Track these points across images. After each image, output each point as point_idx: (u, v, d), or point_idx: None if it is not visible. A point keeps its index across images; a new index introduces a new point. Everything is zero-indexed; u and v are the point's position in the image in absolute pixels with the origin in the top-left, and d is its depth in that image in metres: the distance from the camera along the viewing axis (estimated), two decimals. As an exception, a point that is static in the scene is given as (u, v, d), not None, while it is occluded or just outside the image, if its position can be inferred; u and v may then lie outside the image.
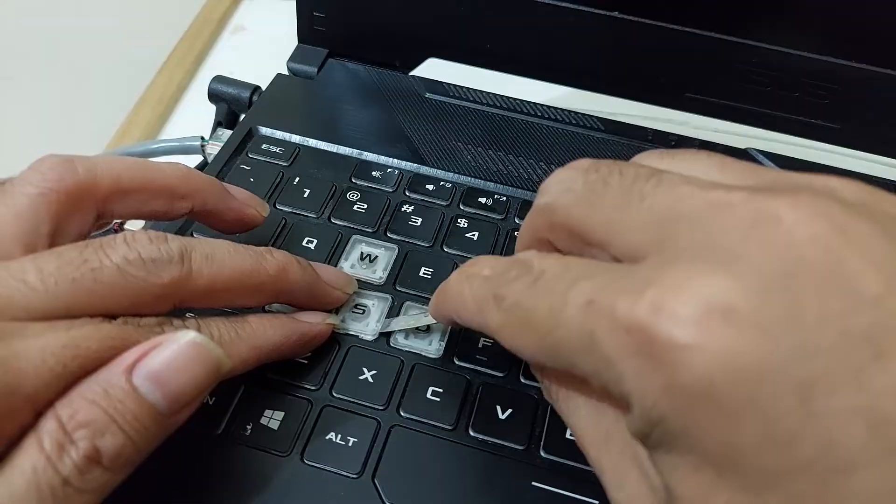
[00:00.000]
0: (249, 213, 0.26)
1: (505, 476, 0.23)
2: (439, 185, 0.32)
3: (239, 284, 0.22)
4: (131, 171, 0.23)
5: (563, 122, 0.35)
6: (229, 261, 0.22)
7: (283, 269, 0.23)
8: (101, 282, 0.19)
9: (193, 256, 0.21)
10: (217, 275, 0.21)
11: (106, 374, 0.18)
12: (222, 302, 0.22)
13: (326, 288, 0.25)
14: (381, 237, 0.29)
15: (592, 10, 0.34)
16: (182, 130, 0.40)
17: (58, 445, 0.17)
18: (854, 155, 0.35)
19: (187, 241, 0.21)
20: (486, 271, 0.19)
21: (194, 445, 0.22)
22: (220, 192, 0.25)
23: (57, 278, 0.19)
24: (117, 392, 0.18)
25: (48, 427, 0.17)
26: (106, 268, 0.19)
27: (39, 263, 0.19)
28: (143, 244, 0.20)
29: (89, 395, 0.17)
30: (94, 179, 0.22)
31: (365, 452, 0.23)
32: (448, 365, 0.25)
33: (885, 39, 0.31)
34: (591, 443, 0.18)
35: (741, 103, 0.35)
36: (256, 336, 0.22)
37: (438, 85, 0.37)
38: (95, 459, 0.17)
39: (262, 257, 0.23)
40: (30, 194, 0.21)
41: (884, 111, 0.33)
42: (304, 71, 0.37)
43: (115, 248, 0.20)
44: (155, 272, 0.20)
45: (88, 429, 0.17)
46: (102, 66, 0.54)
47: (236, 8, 0.56)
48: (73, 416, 0.17)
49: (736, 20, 0.32)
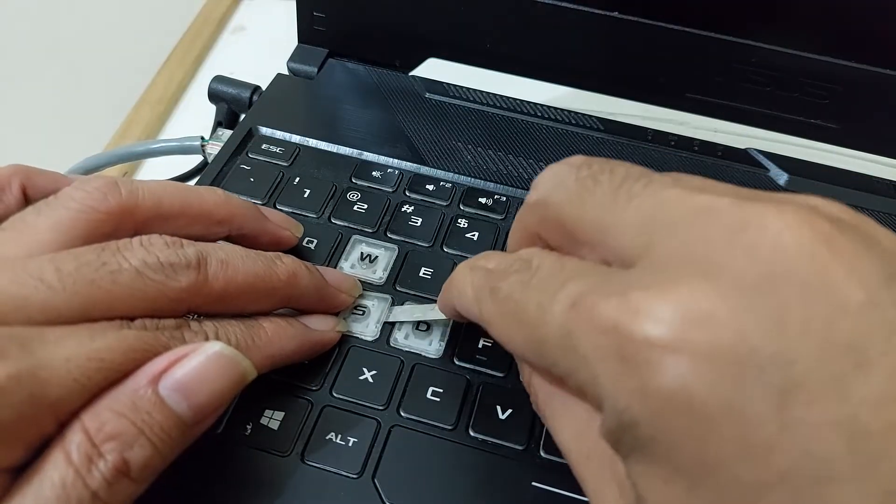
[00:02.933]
0: (285, 235, 0.27)
1: (505, 476, 0.23)
2: (439, 185, 0.32)
3: (252, 289, 0.22)
4: (172, 196, 0.23)
5: (563, 122, 0.35)
6: (243, 266, 0.22)
7: (293, 274, 0.23)
8: (120, 284, 0.19)
9: (210, 261, 0.21)
10: (232, 280, 0.21)
11: (133, 385, 0.18)
12: (234, 307, 0.22)
13: (334, 292, 0.25)
14: (381, 237, 0.29)
15: (592, 10, 0.34)
16: (182, 130, 0.40)
17: (87, 458, 0.17)
18: (854, 155, 0.35)
19: (203, 247, 0.21)
20: (491, 265, 0.20)
21: (194, 445, 0.22)
22: (257, 215, 0.26)
23: (75, 279, 0.19)
24: (145, 403, 0.18)
25: (76, 440, 0.17)
26: (125, 270, 0.19)
27: (58, 263, 0.19)
28: (161, 248, 0.20)
29: (117, 407, 0.17)
30: (135, 202, 0.22)
31: (365, 452, 0.23)
32: (448, 365, 0.25)
33: (885, 39, 0.31)
34: (574, 459, 0.18)
35: (741, 103, 0.35)
36: (272, 345, 0.22)
37: (438, 85, 0.37)
38: (124, 471, 0.17)
39: (273, 263, 0.23)
40: (71, 209, 0.21)
41: (883, 111, 0.33)
42: (304, 71, 0.37)
43: (134, 252, 0.20)
44: (173, 276, 0.20)
45: (117, 441, 0.17)
46: (102, 66, 0.54)
47: (236, 8, 0.56)
48: (102, 429, 0.17)
49: (736, 20, 0.32)
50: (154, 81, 0.50)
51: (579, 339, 0.15)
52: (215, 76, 0.38)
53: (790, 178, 0.33)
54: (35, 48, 0.56)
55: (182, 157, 0.38)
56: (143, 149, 0.39)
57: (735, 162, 0.34)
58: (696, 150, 0.35)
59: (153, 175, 0.42)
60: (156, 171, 0.44)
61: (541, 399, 0.20)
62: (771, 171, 0.34)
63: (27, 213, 0.21)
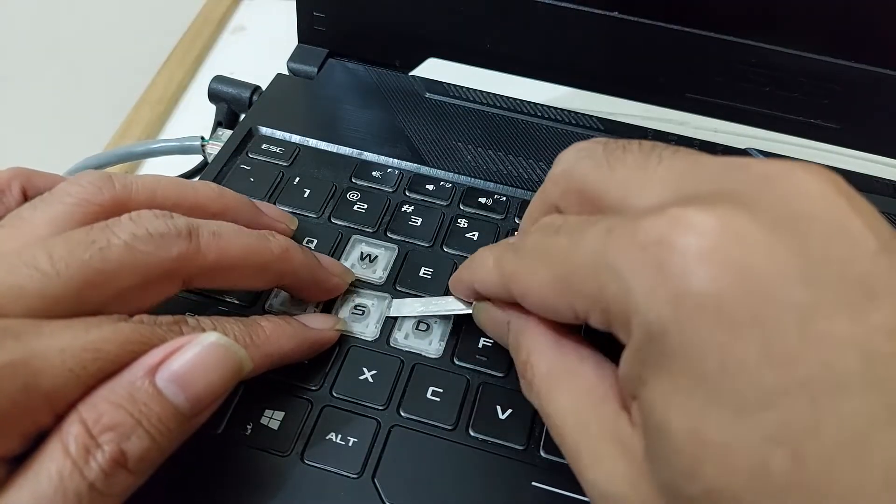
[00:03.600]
0: (279, 228, 0.27)
1: (505, 476, 0.23)
2: (439, 185, 0.32)
3: (245, 262, 0.22)
4: (165, 188, 0.23)
5: (563, 122, 0.35)
6: (236, 238, 0.22)
7: (286, 249, 0.23)
8: (110, 260, 0.19)
9: (201, 232, 0.21)
10: (225, 251, 0.22)
11: (129, 377, 0.18)
12: (229, 281, 0.23)
13: (326, 274, 0.26)
14: (381, 237, 0.29)
15: (592, 10, 0.34)
16: (182, 130, 0.40)
17: (84, 449, 0.17)
18: (854, 155, 0.35)
19: (193, 219, 0.21)
20: (511, 239, 0.21)
21: (194, 445, 0.22)
22: (251, 209, 0.26)
23: (68, 262, 0.19)
24: (142, 395, 0.18)
25: (73, 431, 0.17)
26: (114, 246, 0.19)
27: (49, 248, 0.19)
28: (149, 219, 0.20)
29: (113, 398, 0.17)
30: (129, 195, 0.22)
31: (365, 452, 0.23)
32: (448, 365, 0.25)
33: (886, 40, 0.31)
34: (569, 430, 0.18)
35: (741, 103, 0.35)
36: (270, 344, 0.22)
37: (438, 85, 0.37)
38: (121, 463, 0.17)
39: (265, 238, 0.23)
40: (66, 203, 0.21)
41: (883, 111, 0.33)
42: (304, 71, 0.37)
43: (122, 226, 0.20)
44: (164, 246, 0.20)
45: (114, 432, 0.17)
46: (102, 66, 0.54)
47: (236, 8, 0.56)
48: (99, 420, 0.17)
49: (736, 20, 0.32)
50: (154, 81, 0.50)
51: (615, 256, 0.16)
52: (215, 76, 0.38)
53: (790, 178, 0.33)
54: (35, 48, 0.56)
55: (182, 157, 0.38)
56: (143, 149, 0.39)
57: (735, 162, 0.34)
58: (696, 150, 0.35)
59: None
60: (156, 171, 0.43)
61: (538, 374, 0.20)
62: (771, 171, 0.34)
63: (24, 209, 0.21)
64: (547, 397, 0.19)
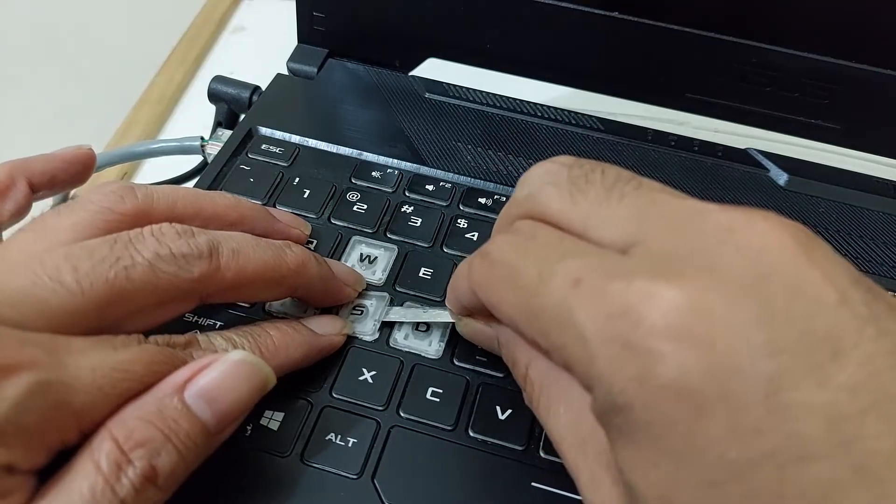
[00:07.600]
0: (294, 234, 0.27)
1: (505, 476, 0.23)
2: (439, 185, 0.32)
3: (262, 278, 0.22)
4: (185, 199, 0.23)
5: (563, 122, 0.35)
6: (254, 255, 0.22)
7: (302, 263, 0.24)
8: (133, 280, 0.19)
9: (221, 250, 0.21)
10: (243, 269, 0.22)
11: (158, 394, 0.18)
12: (244, 296, 0.23)
13: (339, 284, 0.26)
14: (381, 237, 0.29)
15: (592, 10, 0.34)
16: (182, 130, 0.40)
17: (115, 466, 0.17)
18: (854, 155, 0.35)
19: (213, 235, 0.22)
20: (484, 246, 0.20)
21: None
22: (266, 216, 0.26)
23: (92, 280, 0.19)
24: (171, 411, 0.18)
25: (105, 448, 0.17)
26: (138, 265, 0.20)
27: (74, 262, 0.19)
28: (173, 238, 0.21)
29: (143, 415, 0.18)
30: (150, 204, 0.23)
31: (365, 453, 0.23)
32: (448, 365, 0.25)
33: (885, 39, 0.31)
34: (568, 448, 0.19)
35: (741, 103, 0.34)
36: (279, 355, 0.22)
37: (438, 85, 0.37)
38: (151, 479, 0.17)
39: (282, 251, 0.23)
40: (89, 210, 0.21)
41: (884, 111, 0.33)
42: (304, 71, 0.37)
43: (146, 244, 0.20)
44: (186, 267, 0.20)
45: (145, 448, 0.17)
46: (102, 66, 0.54)
47: (236, 8, 0.56)
48: (130, 436, 0.17)
49: (735, 20, 0.32)
50: (154, 81, 0.50)
51: (581, 319, 0.15)
52: (215, 76, 0.38)
53: (790, 178, 0.33)
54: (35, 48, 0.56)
55: (182, 158, 0.38)
56: (143, 149, 0.39)
57: (735, 162, 0.34)
58: (696, 150, 0.35)
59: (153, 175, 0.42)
60: (156, 171, 0.43)
61: (538, 388, 0.20)
62: (771, 172, 0.34)
63: (47, 215, 0.22)
64: (546, 412, 0.20)
